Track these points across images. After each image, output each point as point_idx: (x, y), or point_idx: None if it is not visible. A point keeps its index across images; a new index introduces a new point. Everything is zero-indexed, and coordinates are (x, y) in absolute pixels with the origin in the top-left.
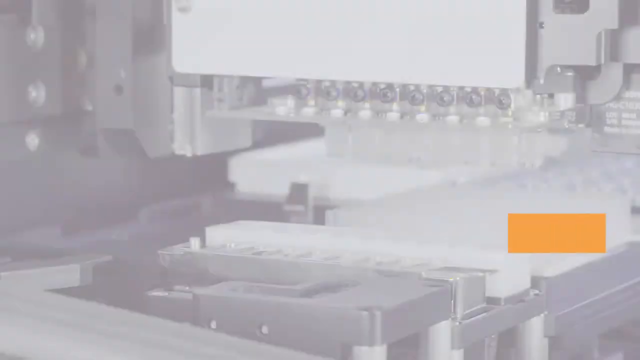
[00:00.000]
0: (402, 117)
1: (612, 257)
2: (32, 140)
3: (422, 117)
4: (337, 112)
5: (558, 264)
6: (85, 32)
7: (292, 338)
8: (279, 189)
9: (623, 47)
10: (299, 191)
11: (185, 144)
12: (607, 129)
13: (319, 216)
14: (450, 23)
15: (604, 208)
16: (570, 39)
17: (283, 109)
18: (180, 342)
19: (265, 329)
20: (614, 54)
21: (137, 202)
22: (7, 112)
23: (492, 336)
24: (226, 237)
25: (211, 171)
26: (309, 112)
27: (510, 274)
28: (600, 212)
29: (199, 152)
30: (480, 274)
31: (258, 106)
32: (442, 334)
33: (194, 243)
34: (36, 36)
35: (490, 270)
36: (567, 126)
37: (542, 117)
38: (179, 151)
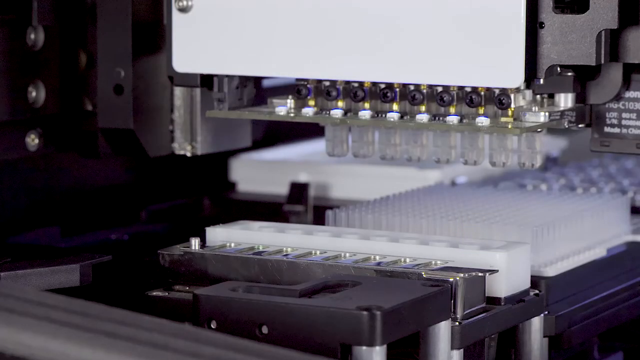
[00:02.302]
0: (402, 117)
1: (612, 257)
2: (32, 140)
3: (422, 117)
4: (337, 112)
5: (558, 264)
6: (85, 32)
7: (292, 338)
8: (279, 189)
9: (623, 47)
10: (299, 191)
11: (185, 144)
12: (607, 129)
13: (319, 216)
14: (450, 23)
15: (604, 208)
16: (570, 39)
17: (283, 109)
18: (180, 342)
19: (265, 329)
20: (614, 54)
21: (137, 202)
22: (7, 112)
23: (492, 336)
24: (226, 237)
25: (211, 171)
26: (309, 112)
27: (510, 274)
28: (600, 212)
29: (199, 152)
30: (480, 274)
31: (258, 106)
32: (442, 334)
33: (194, 243)
34: (36, 36)
35: (490, 270)
36: (567, 126)
37: (542, 117)
38: (179, 151)
